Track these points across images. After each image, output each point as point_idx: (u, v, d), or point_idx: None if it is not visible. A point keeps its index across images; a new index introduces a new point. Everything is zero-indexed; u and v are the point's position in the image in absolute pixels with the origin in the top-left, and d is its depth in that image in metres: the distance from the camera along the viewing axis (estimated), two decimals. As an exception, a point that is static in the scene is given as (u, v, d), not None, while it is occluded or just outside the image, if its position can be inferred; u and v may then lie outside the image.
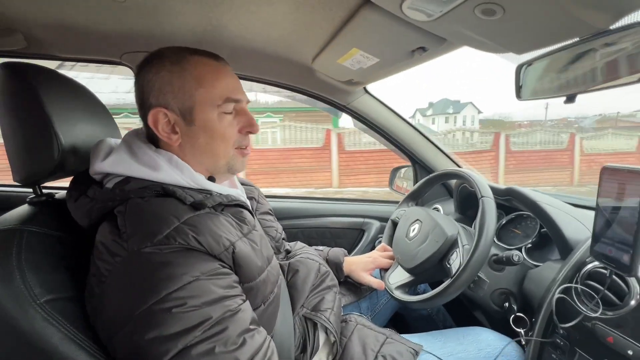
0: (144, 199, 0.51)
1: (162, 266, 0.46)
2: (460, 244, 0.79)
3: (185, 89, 0.56)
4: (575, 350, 0.64)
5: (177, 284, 0.45)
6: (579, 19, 0.43)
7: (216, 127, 0.58)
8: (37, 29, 0.85)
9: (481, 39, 0.56)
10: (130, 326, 0.44)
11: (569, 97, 0.54)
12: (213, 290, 0.47)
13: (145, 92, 0.57)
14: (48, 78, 0.60)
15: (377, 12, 0.62)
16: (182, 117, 0.57)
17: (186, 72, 0.56)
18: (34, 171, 0.58)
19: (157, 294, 0.44)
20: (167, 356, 0.43)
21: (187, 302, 0.45)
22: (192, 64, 0.57)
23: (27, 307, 0.45)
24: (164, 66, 0.56)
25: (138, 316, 0.44)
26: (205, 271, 0.48)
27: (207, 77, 0.57)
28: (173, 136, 0.58)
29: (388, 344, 0.75)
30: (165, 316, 0.44)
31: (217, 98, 0.57)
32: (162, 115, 0.56)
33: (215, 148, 0.59)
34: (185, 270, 0.46)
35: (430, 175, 1.05)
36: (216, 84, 0.57)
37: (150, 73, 0.56)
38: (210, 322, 0.45)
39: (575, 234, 0.76)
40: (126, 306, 0.45)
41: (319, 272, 0.86)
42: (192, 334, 0.44)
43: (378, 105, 1.23)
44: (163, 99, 0.56)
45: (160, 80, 0.56)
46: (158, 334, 0.43)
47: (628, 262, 0.52)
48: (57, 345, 0.45)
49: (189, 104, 0.56)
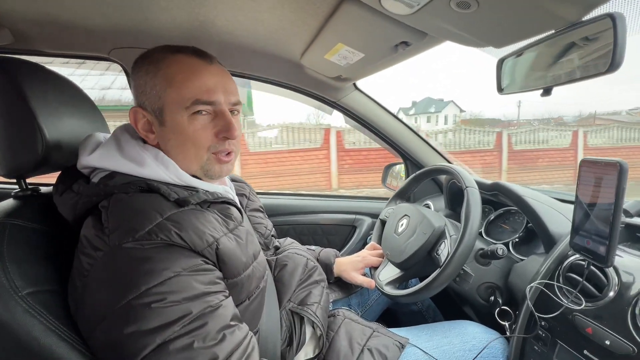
0: (128, 194, 0.52)
1: (143, 261, 0.46)
2: (448, 234, 0.80)
3: (156, 89, 0.56)
4: (556, 341, 0.64)
5: (157, 279, 0.45)
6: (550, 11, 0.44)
7: (185, 130, 0.56)
8: (24, 24, 0.85)
9: (460, 33, 0.57)
10: (110, 320, 0.44)
11: (546, 89, 0.55)
12: (194, 286, 0.47)
13: (133, 90, 0.60)
14: (33, 72, 0.60)
15: (358, 6, 0.63)
16: (155, 117, 0.57)
17: (160, 72, 0.55)
18: (18, 165, 0.59)
19: (137, 289, 0.44)
20: (145, 351, 0.43)
21: (167, 297, 0.45)
22: (168, 63, 0.56)
23: (8, 299, 0.45)
24: (143, 66, 0.57)
25: (117, 310, 0.44)
26: (187, 267, 0.48)
27: (177, 77, 0.55)
28: (150, 135, 0.59)
29: (374, 337, 0.76)
30: (144, 311, 0.43)
31: (186, 99, 0.55)
32: (140, 115, 0.58)
33: (185, 151, 0.57)
34: (167, 265, 0.46)
35: (416, 172, 1.05)
36: (187, 85, 0.55)
37: (133, 72, 0.59)
38: (190, 317, 0.45)
39: (558, 228, 0.77)
40: (106, 300, 0.45)
41: (307, 267, 0.87)
42: (171, 328, 0.44)
43: (368, 101, 1.23)
44: (140, 99, 0.58)
45: (138, 80, 0.57)
46: (137, 329, 0.43)
47: (604, 253, 0.53)
48: (38, 337, 0.45)
49: (158, 105, 0.56)
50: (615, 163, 0.51)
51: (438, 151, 1.32)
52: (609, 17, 0.40)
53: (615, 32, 0.40)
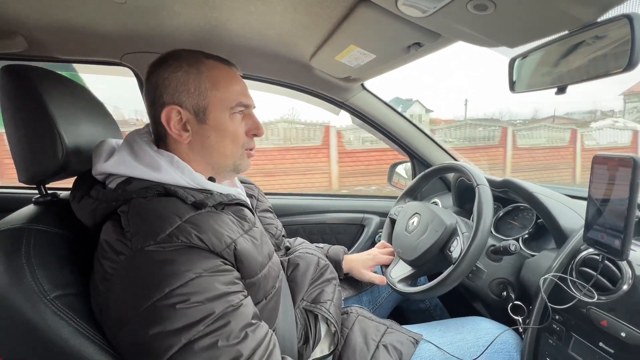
0: (147, 199, 0.53)
1: (165, 264, 0.47)
2: (460, 231, 0.81)
3: (200, 89, 0.59)
4: (571, 334, 0.65)
5: (180, 280, 0.46)
6: (567, 12, 0.45)
7: (228, 127, 0.61)
8: (38, 31, 0.86)
9: (474, 34, 0.58)
10: (135, 322, 0.45)
11: (560, 88, 0.56)
12: (215, 287, 0.48)
13: (159, 90, 0.59)
14: (50, 79, 0.61)
15: (373, 9, 0.64)
16: (195, 115, 0.60)
17: (202, 75, 0.59)
18: (39, 171, 0.60)
19: (161, 291, 0.45)
20: (171, 351, 0.44)
21: (190, 298, 0.46)
22: (208, 67, 0.60)
23: (37, 302, 0.46)
24: (181, 66, 0.59)
25: (142, 312, 0.45)
26: (208, 268, 0.49)
27: (222, 80, 0.61)
28: (184, 133, 0.60)
29: (389, 333, 0.77)
30: (168, 312, 0.45)
31: (231, 100, 0.61)
32: (175, 113, 0.59)
33: (224, 147, 0.62)
34: (188, 267, 0.47)
35: (425, 170, 1.07)
36: (230, 88, 0.61)
37: (166, 72, 0.59)
38: (213, 317, 0.46)
39: (570, 223, 0.78)
40: (130, 303, 0.46)
41: (318, 266, 0.88)
42: (196, 328, 0.45)
43: (376, 101, 1.24)
44: (178, 98, 0.59)
45: (176, 80, 0.58)
46: (162, 329, 0.44)
47: (619, 246, 0.54)
48: (67, 339, 0.46)
49: (203, 104, 0.59)
50: (630, 159, 0.52)
51: (445, 149, 1.33)
52: (625, 18, 0.42)
53: (633, 32, 0.41)
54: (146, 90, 0.61)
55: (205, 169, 0.63)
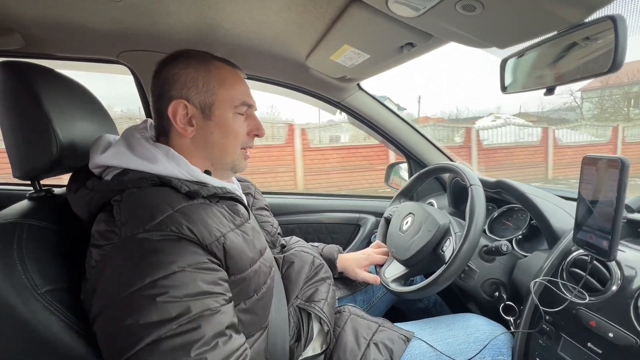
0: (140, 189, 0.53)
1: (151, 253, 0.47)
2: (453, 231, 0.81)
3: (208, 86, 0.61)
4: (561, 335, 0.66)
5: (162, 271, 0.46)
6: (554, 13, 0.45)
7: (231, 125, 0.64)
8: (35, 29, 0.87)
9: (465, 34, 0.58)
10: (112, 310, 0.45)
11: (549, 89, 0.56)
12: (197, 284, 0.47)
13: (168, 84, 0.61)
14: (46, 76, 0.61)
15: (364, 9, 0.64)
16: (201, 111, 0.61)
17: (211, 73, 0.62)
18: (33, 167, 0.60)
19: (142, 280, 0.45)
20: (138, 345, 0.43)
21: (169, 292, 0.45)
22: (216, 67, 0.63)
23: (28, 296, 0.46)
24: (191, 64, 0.61)
25: (120, 300, 0.45)
26: (193, 263, 0.48)
27: (228, 80, 0.63)
28: (189, 128, 0.61)
29: (380, 331, 0.77)
30: (145, 303, 0.44)
31: (236, 99, 0.64)
32: (182, 107, 0.60)
33: (226, 144, 0.64)
34: (173, 259, 0.47)
35: (420, 171, 1.07)
36: (236, 87, 0.64)
37: (176, 68, 0.61)
38: (188, 316, 0.45)
39: (561, 224, 0.78)
40: (111, 289, 0.46)
41: (313, 265, 0.88)
42: (168, 325, 0.44)
43: (372, 101, 1.25)
44: (186, 93, 0.60)
45: (186, 75, 0.60)
46: (135, 321, 0.43)
47: (607, 247, 0.54)
48: (57, 333, 0.47)
49: (209, 101, 0.61)
50: (617, 159, 0.53)
51: (441, 150, 1.33)
52: (609, 19, 0.42)
53: (617, 34, 0.41)
54: (153, 85, 0.63)
55: (204, 164, 0.64)
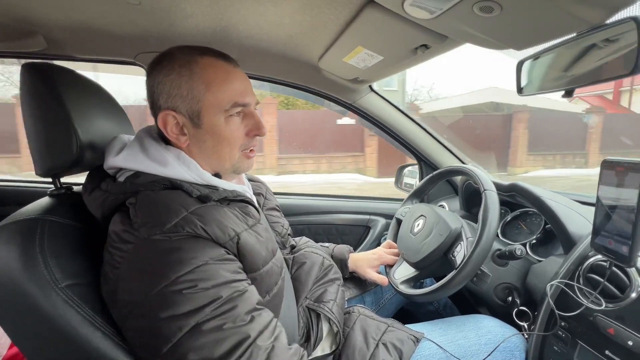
0: (154, 192, 0.54)
1: (172, 252, 0.48)
2: (465, 236, 0.80)
3: (193, 93, 0.57)
4: (577, 342, 0.64)
5: (186, 267, 0.47)
6: (574, 14, 0.45)
7: (222, 131, 0.60)
8: (57, 31, 0.90)
9: (481, 36, 0.58)
10: (144, 307, 0.47)
11: (567, 91, 0.55)
12: (221, 274, 0.50)
13: (156, 94, 0.59)
14: (67, 77, 0.63)
15: (380, 11, 0.64)
16: (190, 120, 0.59)
17: (195, 76, 0.57)
18: (54, 165, 0.62)
19: (168, 278, 0.47)
20: (180, 333, 0.45)
21: (198, 284, 0.47)
22: (201, 66, 0.58)
23: (49, 291, 0.48)
24: (174, 69, 0.57)
25: (151, 298, 0.47)
26: (214, 256, 0.50)
27: (215, 81, 0.58)
28: (181, 137, 0.60)
29: (389, 332, 0.77)
30: (176, 297, 0.46)
31: (225, 103, 0.58)
32: (171, 118, 0.58)
33: (221, 151, 0.61)
34: (194, 255, 0.49)
35: (433, 172, 1.06)
36: (224, 88, 0.58)
37: (160, 75, 0.58)
38: (219, 301, 0.48)
39: (578, 229, 0.77)
40: (139, 289, 0.48)
41: (323, 265, 0.89)
42: (203, 312, 0.46)
43: (384, 103, 1.24)
44: (172, 102, 0.58)
45: (169, 83, 0.57)
46: (171, 313, 0.46)
47: (627, 253, 0.53)
48: (76, 327, 0.48)
49: (196, 108, 0.58)
50: (638, 163, 0.51)
51: (453, 152, 1.32)
52: (632, 21, 0.41)
53: (640, 35, 0.40)
54: (146, 92, 0.62)
55: (207, 169, 0.63)
